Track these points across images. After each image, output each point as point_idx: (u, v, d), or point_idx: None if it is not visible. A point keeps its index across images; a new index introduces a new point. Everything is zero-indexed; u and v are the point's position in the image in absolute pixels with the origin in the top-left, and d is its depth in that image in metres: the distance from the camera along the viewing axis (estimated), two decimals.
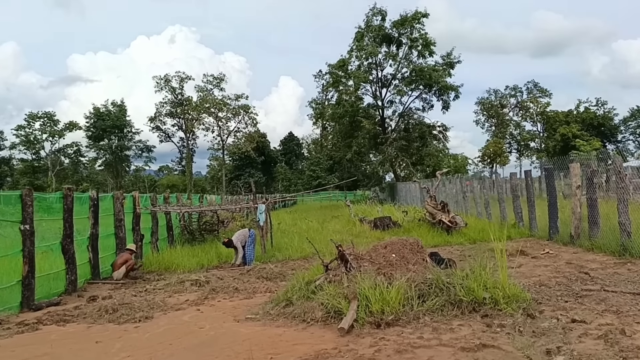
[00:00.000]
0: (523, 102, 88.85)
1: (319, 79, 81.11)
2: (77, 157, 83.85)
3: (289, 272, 11.73)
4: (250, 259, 13.09)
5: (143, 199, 15.08)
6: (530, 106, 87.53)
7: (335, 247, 8.16)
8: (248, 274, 11.45)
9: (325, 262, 8.24)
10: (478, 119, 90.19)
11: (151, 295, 9.70)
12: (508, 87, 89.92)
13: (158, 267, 13.29)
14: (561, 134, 78.19)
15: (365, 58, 44.53)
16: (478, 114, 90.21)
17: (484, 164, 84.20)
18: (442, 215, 16.18)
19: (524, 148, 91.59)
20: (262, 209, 14.45)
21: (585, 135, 74.14)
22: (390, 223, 18.53)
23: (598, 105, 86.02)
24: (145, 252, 14.53)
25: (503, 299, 6.64)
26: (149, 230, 15.33)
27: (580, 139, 64.82)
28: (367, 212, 26.11)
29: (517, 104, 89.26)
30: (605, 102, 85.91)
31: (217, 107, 73.51)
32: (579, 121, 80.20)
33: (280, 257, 14.26)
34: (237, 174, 79.18)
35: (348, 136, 46.76)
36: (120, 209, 13.04)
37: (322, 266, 8.69)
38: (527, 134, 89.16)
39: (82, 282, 11.25)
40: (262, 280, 10.93)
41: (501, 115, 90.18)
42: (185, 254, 14.16)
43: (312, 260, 13.70)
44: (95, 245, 11.68)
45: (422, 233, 16.40)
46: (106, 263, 12.56)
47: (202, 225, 17.59)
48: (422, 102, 46.03)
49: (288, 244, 15.81)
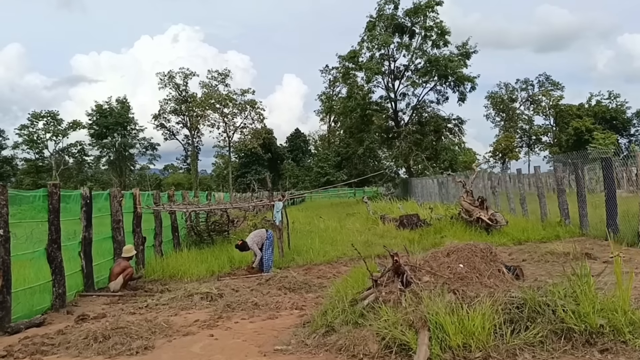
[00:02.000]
0: (534, 96, 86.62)
1: (325, 74, 79.67)
2: (81, 157, 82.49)
3: (315, 280, 10.04)
4: (269, 265, 11.40)
5: (144, 197, 13.41)
6: (543, 100, 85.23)
7: (389, 254, 6.38)
8: (267, 283, 9.74)
9: (375, 276, 6.47)
10: (488, 113, 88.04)
11: (153, 312, 8.01)
12: (519, 80, 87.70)
13: (162, 275, 11.63)
14: (574, 127, 76.39)
15: (378, 48, 42.57)
16: (488, 108, 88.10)
17: (495, 159, 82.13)
18: (480, 213, 14.42)
19: (536, 142, 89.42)
20: (279, 207, 12.76)
21: (598, 129, 72.45)
22: (419, 221, 16.79)
23: (610, 99, 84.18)
24: (148, 257, 12.86)
25: (626, 327, 4.90)
26: (152, 232, 13.67)
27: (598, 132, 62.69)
28: (386, 209, 24.37)
29: (529, 98, 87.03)
30: (617, 95, 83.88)
31: (222, 103, 71.71)
32: (590, 115, 78.33)
33: (300, 262, 12.58)
34: (244, 171, 77.53)
35: (359, 130, 44.90)
36: (118, 209, 11.37)
37: (368, 279, 6.94)
38: (539, 128, 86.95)
39: (72, 294, 9.62)
40: (284, 291, 9.23)
41: (512, 109, 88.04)
42: (193, 259, 12.49)
43: (338, 266, 12.02)
44: (88, 251, 10.02)
45: (458, 232, 14.66)
46: (103, 271, 10.92)
47: (211, 226, 15.90)
48: (436, 94, 44.20)
49: (308, 246, 14.11)
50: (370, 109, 45.19)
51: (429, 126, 43.60)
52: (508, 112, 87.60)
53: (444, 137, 44.11)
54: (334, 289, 7.37)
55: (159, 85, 74.79)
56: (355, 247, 13.86)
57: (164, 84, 75.02)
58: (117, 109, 75.12)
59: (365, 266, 6.91)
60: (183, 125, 78.38)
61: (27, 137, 77.48)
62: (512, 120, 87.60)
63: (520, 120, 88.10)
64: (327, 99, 72.90)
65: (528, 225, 14.76)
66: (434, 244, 13.56)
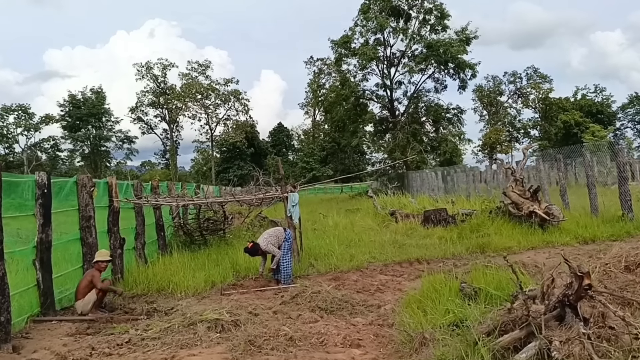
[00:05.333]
0: (523, 89, 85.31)
1: (310, 65, 76.97)
2: (54, 152, 78.31)
3: (355, 297, 7.48)
4: (288, 275, 8.80)
5: (122, 187, 10.66)
6: (532, 92, 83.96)
7: (574, 272, 3.79)
8: (294, 301, 7.15)
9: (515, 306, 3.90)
10: (476, 107, 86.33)
11: (139, 352, 5.39)
12: (507, 73, 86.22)
13: (147, 288, 8.92)
14: (563, 121, 75.55)
15: (374, 32, 39.93)
16: (475, 102, 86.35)
17: (484, 153, 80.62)
18: (533, 205, 11.99)
19: (524, 136, 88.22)
20: (295, 199, 10.14)
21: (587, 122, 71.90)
22: (448, 217, 14.31)
23: (596, 92, 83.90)
24: (127, 263, 10.14)
25: None
26: (132, 231, 10.95)
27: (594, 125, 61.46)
28: (395, 204, 21.87)
29: (517, 91, 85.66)
30: (603, 88, 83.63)
31: (204, 94, 68.50)
32: (576, 108, 77.64)
33: (322, 269, 10.00)
34: (226, 166, 74.40)
35: (352, 121, 42.25)
36: (89, 202, 8.64)
37: (459, 299, 4.43)
38: (528, 122, 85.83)
39: (24, 319, 6.92)
40: (320, 313, 6.67)
41: (499, 103, 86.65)
42: (186, 265, 9.80)
43: (372, 274, 9.50)
44: (46, 258, 7.33)
45: (504, 229, 12.23)
46: (68, 283, 8.22)
47: (204, 224, 13.21)
48: (434, 82, 41.71)
49: (326, 248, 11.53)
50: (365, 97, 42.54)
51: (428, 116, 41.14)
52: (496, 105, 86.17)
53: (442, 127, 41.78)
54: (406, 316, 4.90)
55: (136, 76, 71.45)
56: (388, 249, 11.44)
57: (142, 75, 71.65)
58: (92, 99, 71.14)
59: (519, 289, 4.35)
60: (161, 118, 75.05)
61: None
62: (499, 114, 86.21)
63: (509, 114, 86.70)
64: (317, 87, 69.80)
65: (587, 221, 12.38)
66: (482, 246, 11.14)
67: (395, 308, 6.67)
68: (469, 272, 8.07)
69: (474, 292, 5.77)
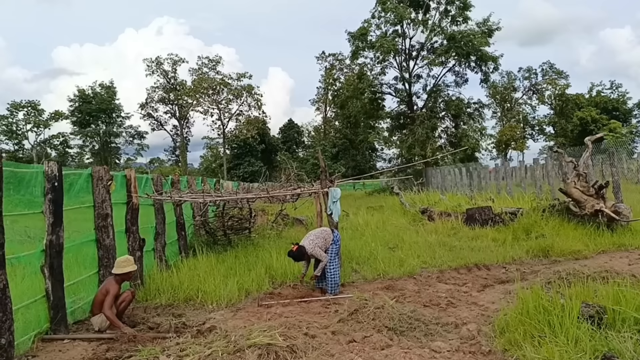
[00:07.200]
0: (538, 85, 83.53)
1: (322, 61, 75.60)
2: (64, 149, 77.56)
3: (425, 313, 6.24)
4: (336, 283, 7.57)
5: (142, 182, 9.50)
6: (548, 89, 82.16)
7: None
8: (354, 318, 5.92)
9: None
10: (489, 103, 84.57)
11: None
12: (521, 68, 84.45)
13: (172, 297, 7.74)
14: (579, 117, 74.11)
15: (392, 24, 38.50)
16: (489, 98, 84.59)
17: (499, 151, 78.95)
18: (598, 204, 10.69)
19: (538, 133, 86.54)
20: (337, 195, 8.93)
21: (604, 119, 70.63)
22: (495, 216, 13.05)
23: (612, 89, 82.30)
24: (147, 267, 8.98)
25: None
26: (151, 230, 9.79)
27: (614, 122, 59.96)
28: (424, 201, 20.56)
29: (532, 87, 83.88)
30: (619, 85, 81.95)
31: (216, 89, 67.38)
32: (592, 105, 76.09)
33: (369, 276, 8.79)
34: (236, 162, 73.30)
35: (369, 116, 40.84)
36: (106, 198, 7.48)
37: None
38: (544, 118, 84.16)
39: (30, 337, 5.78)
40: (389, 335, 5.45)
41: (513, 99, 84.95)
42: (215, 270, 8.60)
43: (432, 282, 8.26)
44: (57, 264, 6.17)
45: (564, 230, 10.94)
46: (82, 291, 7.07)
47: (228, 222, 12.04)
48: (454, 75, 40.24)
49: (366, 250, 10.32)
50: (382, 91, 41.13)
51: (448, 110, 39.68)
52: (510, 101, 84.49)
53: (463, 122, 40.32)
54: (528, 348, 3.67)
55: (146, 72, 70.49)
56: (438, 252, 10.21)
57: (152, 70, 70.68)
58: (102, 94, 70.17)
59: None
60: (171, 115, 74.09)
61: (6, 127, 72.56)
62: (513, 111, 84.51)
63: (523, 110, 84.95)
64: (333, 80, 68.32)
65: None
66: (544, 248, 9.88)
67: (482, 329, 5.45)
68: (550, 281, 6.86)
69: (599, 314, 4.54)
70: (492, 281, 8.05)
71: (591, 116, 73.21)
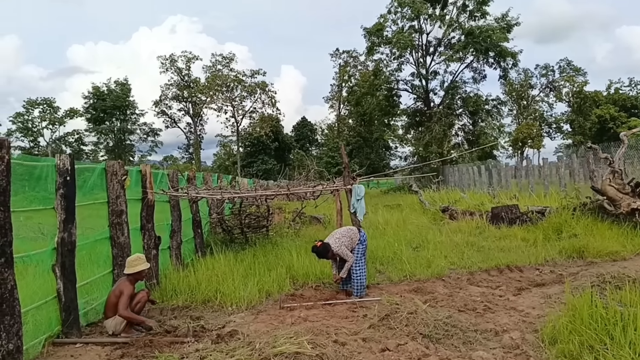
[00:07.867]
0: (555, 82, 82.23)
1: (335, 58, 75.06)
2: (78, 146, 77.98)
3: (461, 319, 5.77)
4: (362, 285, 7.15)
5: (157, 177, 9.16)
6: (566, 86, 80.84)
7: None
8: (384, 324, 5.50)
9: None
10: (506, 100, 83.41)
11: None
12: (538, 65, 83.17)
13: (190, 298, 7.37)
14: (598, 115, 72.92)
15: (409, 19, 37.90)
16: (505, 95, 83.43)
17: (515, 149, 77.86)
18: (635, 202, 10.14)
19: (555, 131, 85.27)
20: (361, 192, 8.51)
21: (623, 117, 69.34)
22: (522, 214, 12.54)
23: (631, 86, 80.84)
24: (163, 266, 8.64)
25: None
26: (167, 228, 9.44)
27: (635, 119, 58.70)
28: (444, 199, 20.03)
29: (549, 84, 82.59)
30: (638, 82, 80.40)
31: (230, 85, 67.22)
32: (610, 102, 74.76)
33: (394, 276, 8.37)
34: (250, 160, 73.12)
35: (384, 113, 40.29)
36: (121, 194, 7.14)
37: None
38: (562, 116, 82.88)
39: (41, 342, 5.44)
40: (425, 343, 5.02)
41: (530, 96, 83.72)
42: (234, 270, 8.22)
43: (462, 284, 7.80)
44: (68, 263, 5.83)
45: (597, 230, 10.41)
46: (95, 292, 6.72)
47: (245, 219, 11.67)
48: (472, 72, 39.52)
49: (390, 250, 9.90)
50: (398, 88, 40.58)
51: (466, 107, 38.97)
52: (526, 99, 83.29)
53: (481, 119, 39.61)
54: None
55: (160, 69, 70.48)
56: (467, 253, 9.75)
57: (166, 68, 70.69)
58: (116, 91, 70.30)
59: None
60: (185, 112, 74.06)
61: (22, 124, 73.17)
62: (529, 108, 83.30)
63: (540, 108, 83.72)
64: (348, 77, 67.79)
65: None
66: (579, 249, 9.37)
67: (527, 338, 5.00)
68: (593, 285, 6.38)
69: None
70: (527, 284, 7.58)
71: (610, 114, 72.02)
